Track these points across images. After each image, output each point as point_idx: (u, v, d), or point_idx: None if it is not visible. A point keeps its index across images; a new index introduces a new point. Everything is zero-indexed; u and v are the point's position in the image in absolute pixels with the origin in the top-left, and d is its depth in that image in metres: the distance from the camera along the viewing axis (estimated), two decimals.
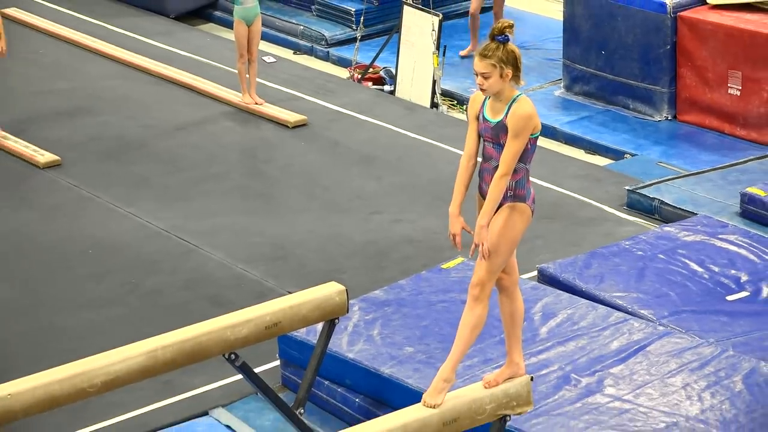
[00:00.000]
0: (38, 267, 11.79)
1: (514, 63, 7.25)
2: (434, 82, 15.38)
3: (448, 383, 7.54)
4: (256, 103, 14.75)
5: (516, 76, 7.26)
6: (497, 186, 7.23)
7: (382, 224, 12.30)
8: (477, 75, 7.25)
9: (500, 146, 7.25)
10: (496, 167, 7.24)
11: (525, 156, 7.29)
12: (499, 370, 7.80)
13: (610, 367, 9.02)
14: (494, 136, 7.29)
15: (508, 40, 7.23)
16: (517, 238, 7.42)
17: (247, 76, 14.73)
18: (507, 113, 7.24)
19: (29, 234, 12.37)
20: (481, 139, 7.38)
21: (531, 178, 7.44)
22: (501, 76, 7.21)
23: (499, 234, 7.33)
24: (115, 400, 9.20)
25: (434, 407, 7.52)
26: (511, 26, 7.26)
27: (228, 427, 9.46)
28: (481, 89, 7.29)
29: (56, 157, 13.68)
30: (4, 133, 13.94)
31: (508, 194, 7.30)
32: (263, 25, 16.74)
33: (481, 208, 7.32)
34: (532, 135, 7.28)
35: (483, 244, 7.23)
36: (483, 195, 7.34)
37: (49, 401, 7.83)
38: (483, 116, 7.34)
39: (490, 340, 8.75)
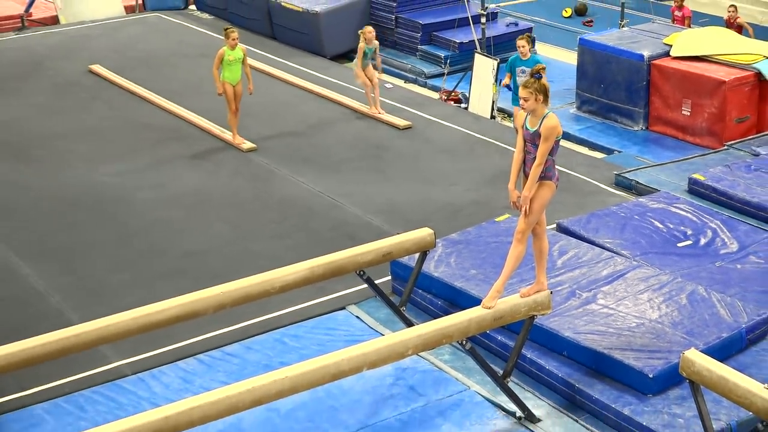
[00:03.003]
0: (242, 212, 11.89)
1: (544, 92, 7.31)
2: (493, 102, 15.28)
3: (498, 293, 7.53)
4: (379, 113, 14.71)
5: (545, 101, 7.30)
6: (534, 171, 7.33)
7: (457, 192, 12.22)
8: (520, 98, 7.30)
9: (536, 146, 7.31)
10: (534, 158, 7.31)
11: (552, 151, 7.33)
12: (531, 286, 7.79)
13: (601, 287, 8.97)
14: (532, 139, 7.32)
15: (541, 77, 7.33)
16: (545, 203, 7.47)
17: (373, 95, 14.70)
18: (540, 124, 7.27)
19: (238, 192, 12.46)
20: (524, 141, 7.40)
21: (556, 166, 7.47)
22: (536, 99, 7.27)
23: (534, 200, 7.36)
24: (287, 298, 9.26)
25: (489, 309, 7.50)
26: (543, 68, 7.43)
27: (357, 317, 9.48)
28: (523, 108, 7.34)
29: (254, 145, 13.73)
30: (237, 136, 13.95)
31: (541, 175, 7.32)
32: (386, 63, 16.90)
33: (524, 184, 7.36)
34: (556, 138, 7.30)
35: (525, 207, 7.29)
36: (526, 176, 7.41)
37: (245, 298, 7.93)
38: (525, 126, 7.39)
39: (525, 267, 8.68)
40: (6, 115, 15.28)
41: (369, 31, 14.47)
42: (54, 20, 20.93)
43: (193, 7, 21.59)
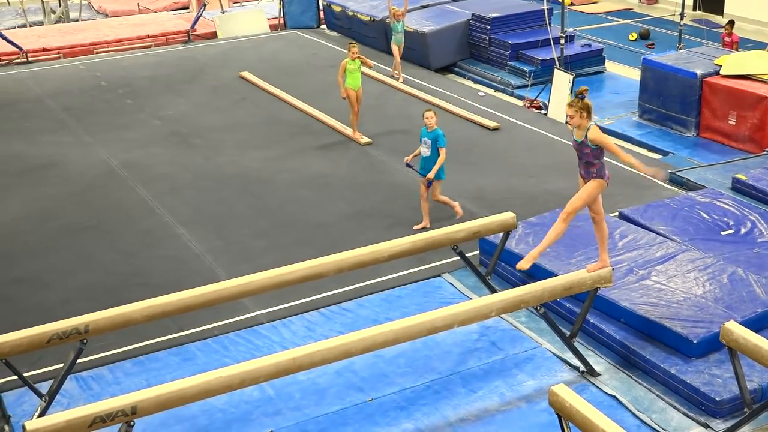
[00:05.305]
0: (359, 194, 11.88)
1: (587, 109, 7.29)
2: None
3: (533, 258, 7.63)
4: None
5: (588, 116, 7.28)
6: (623, 155, 7.32)
7: (536, 183, 12.02)
8: (567, 116, 7.32)
9: (583, 153, 7.30)
10: (584, 163, 7.36)
11: (599, 156, 7.25)
12: (595, 263, 7.70)
13: (654, 266, 8.76)
14: (579, 148, 7.45)
15: (584, 98, 7.31)
16: (592, 194, 7.38)
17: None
18: (585, 136, 7.29)
19: (355, 177, 12.46)
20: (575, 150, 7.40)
21: (618, 165, 7.37)
22: (580, 116, 7.23)
23: (583, 191, 7.34)
24: (393, 265, 9.27)
25: (521, 270, 7.61)
26: (586, 90, 7.44)
27: (450, 283, 9.41)
28: (569, 124, 7.44)
29: (370, 140, 13.69)
30: (357, 132, 13.97)
31: (594, 174, 7.33)
32: (480, 75, 16.78)
33: (580, 185, 7.40)
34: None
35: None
36: (581, 177, 7.43)
37: (359, 264, 7.96)
38: (573, 138, 7.40)
39: (590, 248, 8.52)
40: (175, 110, 15.59)
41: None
42: (213, 35, 21.28)
43: (324, 26, 21.71)
